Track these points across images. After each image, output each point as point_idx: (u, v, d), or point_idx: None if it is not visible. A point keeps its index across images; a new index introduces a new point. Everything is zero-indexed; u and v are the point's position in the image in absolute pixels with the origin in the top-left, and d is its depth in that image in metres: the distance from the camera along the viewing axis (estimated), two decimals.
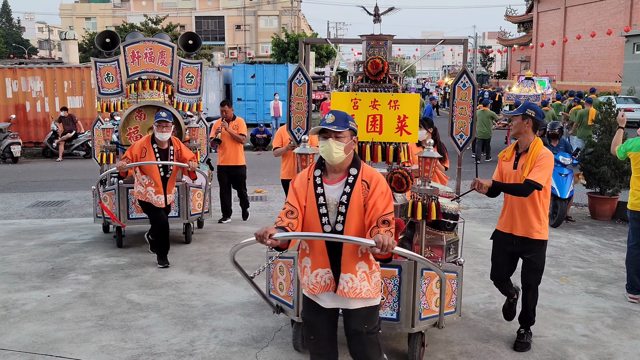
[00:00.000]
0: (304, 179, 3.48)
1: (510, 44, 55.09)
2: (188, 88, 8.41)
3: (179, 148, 6.87)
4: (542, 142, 4.73)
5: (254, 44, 61.85)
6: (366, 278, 3.45)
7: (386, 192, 3.36)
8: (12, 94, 18.54)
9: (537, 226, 4.68)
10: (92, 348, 4.85)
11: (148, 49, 8.14)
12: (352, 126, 3.38)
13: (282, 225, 3.28)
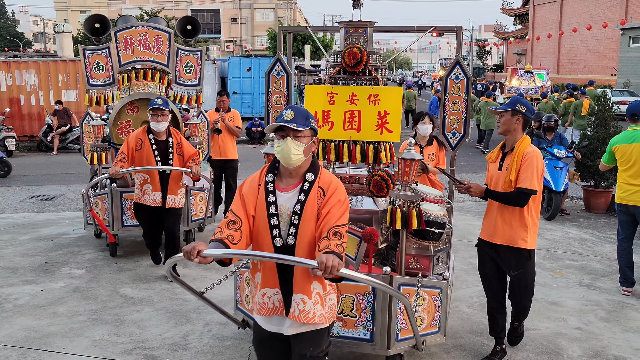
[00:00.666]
0: (254, 185, 3.02)
1: (507, 37, 55.04)
2: (187, 78, 7.58)
3: (180, 141, 6.11)
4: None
5: (250, 37, 61.64)
6: (320, 301, 3.01)
7: (343, 202, 2.95)
8: (6, 88, 18.45)
9: (522, 233, 4.20)
10: (85, 342, 4.83)
11: (142, 35, 7.28)
12: (313, 125, 2.98)
13: (220, 238, 2.84)
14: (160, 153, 5.96)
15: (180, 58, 7.51)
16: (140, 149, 5.92)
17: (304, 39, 38.14)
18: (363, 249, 3.89)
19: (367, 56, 4.37)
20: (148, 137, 5.95)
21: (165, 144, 6.02)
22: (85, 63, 7.33)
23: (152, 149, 5.92)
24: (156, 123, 5.86)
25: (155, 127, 5.89)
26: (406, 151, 3.90)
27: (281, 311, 3.00)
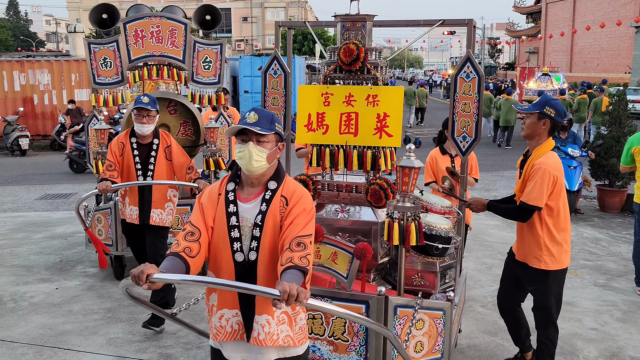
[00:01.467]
0: (214, 194, 2.73)
1: (519, 35, 54.73)
2: (205, 76, 6.57)
3: (169, 144, 5.15)
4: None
5: (261, 36, 61.73)
6: (286, 320, 2.70)
7: (309, 211, 2.65)
8: (20, 87, 18.58)
9: (537, 252, 3.86)
10: (100, 340, 4.86)
11: (154, 26, 6.40)
12: (279, 130, 2.69)
13: (176, 251, 2.54)
14: (141, 159, 5.05)
15: (198, 52, 6.54)
16: (122, 155, 5.08)
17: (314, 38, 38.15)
18: (356, 267, 3.57)
19: (365, 53, 3.98)
20: (129, 140, 5.08)
21: (148, 147, 5.08)
22: (90, 59, 6.50)
23: (133, 154, 5.06)
24: (140, 125, 4.95)
25: (138, 130, 4.99)
26: (405, 158, 3.51)
27: (241, 335, 2.70)
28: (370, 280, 4.05)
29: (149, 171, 5.05)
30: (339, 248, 3.61)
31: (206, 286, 2.66)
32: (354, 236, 3.98)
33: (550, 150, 3.84)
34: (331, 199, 4.19)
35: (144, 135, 5.04)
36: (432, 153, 5.42)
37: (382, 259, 4.02)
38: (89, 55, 6.48)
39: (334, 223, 4.02)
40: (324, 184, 4.22)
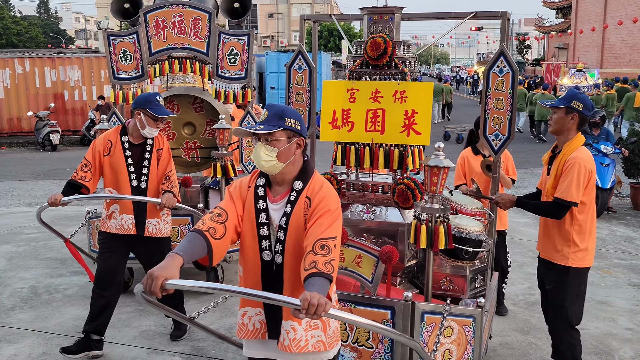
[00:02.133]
0: (244, 186, 2.65)
1: (548, 30, 53.88)
2: (231, 70, 5.90)
3: (161, 147, 4.61)
4: (584, 130, 4.09)
5: (287, 32, 61.82)
6: (320, 325, 2.60)
7: (334, 211, 2.49)
8: (51, 83, 18.87)
9: (564, 249, 3.74)
10: (132, 333, 4.93)
11: (176, 16, 5.86)
12: (290, 125, 2.52)
13: (200, 229, 2.44)
14: (134, 160, 4.50)
15: (223, 44, 5.90)
16: (109, 154, 4.50)
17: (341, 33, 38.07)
18: (381, 270, 3.44)
19: (393, 47, 3.83)
20: (121, 139, 4.52)
21: (141, 148, 4.53)
22: (110, 52, 6.01)
23: (125, 155, 4.48)
24: (155, 130, 4.48)
25: (148, 133, 4.46)
26: (434, 157, 3.36)
27: (262, 334, 2.64)
28: (396, 284, 3.94)
29: (143, 175, 4.51)
30: (364, 251, 3.50)
31: (225, 294, 2.49)
32: (380, 238, 3.88)
33: (582, 146, 3.75)
34: (356, 199, 4.09)
35: (142, 137, 4.51)
36: (464, 153, 5.18)
37: (409, 262, 3.91)
38: (108, 48, 6.02)
39: (359, 224, 3.92)
40: (349, 183, 4.13)
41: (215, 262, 2.48)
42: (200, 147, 6.50)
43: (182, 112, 6.40)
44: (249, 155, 5.94)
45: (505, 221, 5.19)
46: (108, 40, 5.98)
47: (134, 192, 4.47)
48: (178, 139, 6.49)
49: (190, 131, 6.51)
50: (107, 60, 6.01)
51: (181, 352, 4.61)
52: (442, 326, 3.39)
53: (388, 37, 3.89)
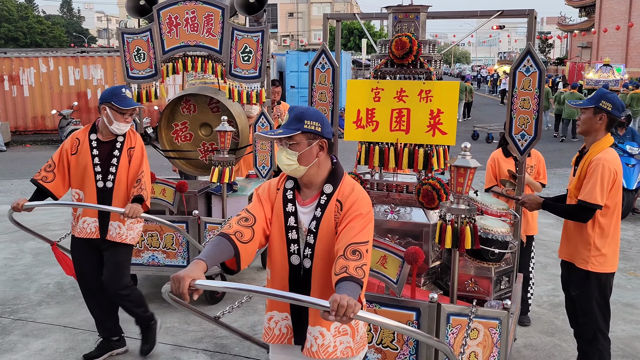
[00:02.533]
0: (273, 188, 2.62)
1: (571, 29, 53.23)
2: (244, 68, 5.59)
3: (133, 145, 4.30)
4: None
5: (307, 31, 61.88)
6: (349, 331, 2.56)
7: (365, 215, 2.46)
8: (74, 82, 19.08)
9: (584, 252, 3.67)
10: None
11: (189, 12, 5.60)
12: (311, 127, 2.46)
13: (227, 233, 2.42)
14: (101, 159, 4.20)
15: (237, 41, 5.59)
16: (76, 153, 4.22)
17: (361, 33, 38.00)
18: (406, 271, 3.40)
19: (418, 46, 3.81)
20: (89, 136, 4.24)
21: (110, 146, 4.24)
22: (124, 50, 5.82)
23: (91, 154, 4.19)
24: (124, 124, 4.20)
25: (116, 129, 4.18)
26: (460, 157, 3.31)
27: (288, 339, 2.61)
28: (420, 285, 3.93)
29: (110, 174, 4.20)
30: (389, 252, 3.48)
31: (253, 295, 2.43)
32: (404, 238, 3.86)
33: (609, 147, 3.68)
34: (380, 199, 4.08)
35: (112, 134, 4.24)
36: (494, 155, 5.09)
37: (433, 262, 3.88)
38: (122, 46, 5.85)
39: (383, 224, 3.91)
40: (373, 183, 4.12)
41: (244, 266, 2.48)
42: (217, 149, 6.12)
43: (199, 113, 6.27)
44: (263, 159, 5.83)
45: (534, 225, 5.08)
46: (122, 38, 5.83)
47: (99, 193, 4.19)
48: (195, 140, 6.36)
49: (207, 132, 6.34)
50: (122, 59, 5.87)
51: (205, 349, 4.65)
52: (469, 328, 3.36)
53: (413, 36, 3.87)
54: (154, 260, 5.52)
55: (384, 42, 4.08)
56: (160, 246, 5.49)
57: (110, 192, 4.19)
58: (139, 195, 4.14)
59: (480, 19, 4.66)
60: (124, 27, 5.85)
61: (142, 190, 4.17)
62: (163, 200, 5.58)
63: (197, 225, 5.35)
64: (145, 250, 5.50)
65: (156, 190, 5.55)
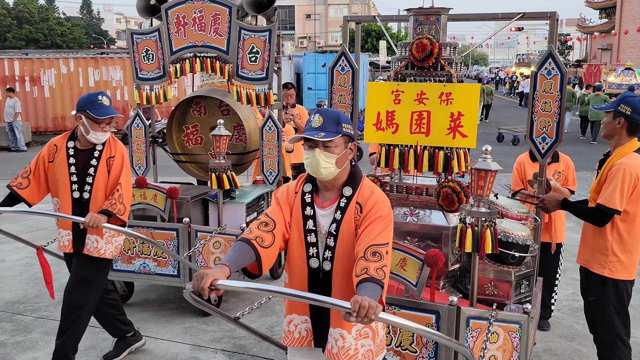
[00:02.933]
0: (291, 191, 2.64)
1: (591, 31, 52.70)
2: (251, 69, 5.36)
3: (113, 155, 4.08)
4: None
5: (324, 33, 61.95)
6: (370, 334, 2.59)
7: (385, 217, 2.49)
8: (94, 83, 19.32)
9: (601, 257, 3.65)
10: (176, 329, 5.02)
11: (197, 11, 5.40)
12: (347, 131, 2.52)
13: (248, 238, 2.45)
14: (78, 168, 3.99)
15: (244, 41, 5.36)
16: (52, 161, 4.03)
17: (378, 34, 37.98)
18: (426, 274, 3.38)
19: (439, 48, 3.81)
20: (67, 144, 4.04)
21: (88, 154, 4.02)
22: (133, 51, 5.69)
23: (68, 162, 3.99)
24: (102, 134, 3.98)
25: (94, 138, 3.97)
26: (480, 160, 3.30)
27: (308, 342, 2.63)
28: (439, 288, 3.91)
29: (87, 184, 3.97)
30: (409, 254, 3.47)
31: (275, 296, 2.43)
32: (423, 241, 3.86)
33: (634, 152, 3.61)
34: (400, 202, 4.08)
35: (90, 142, 4.02)
36: (521, 159, 5.05)
37: (452, 265, 3.86)
38: (131, 47, 5.70)
39: (403, 227, 3.90)
40: (393, 185, 4.12)
41: (265, 270, 2.51)
42: (227, 154, 5.82)
43: (209, 116, 6.10)
44: (270, 164, 5.62)
45: (561, 233, 5.00)
46: (132, 39, 5.68)
47: (75, 204, 3.96)
48: (206, 143, 6.18)
49: None
50: (131, 60, 5.72)
51: (223, 350, 4.68)
52: (489, 332, 3.34)
53: (434, 39, 3.86)
54: (145, 268, 5.33)
55: (405, 44, 4.09)
56: (152, 254, 5.29)
57: (87, 204, 3.97)
58: (106, 210, 3.92)
59: (499, 21, 4.62)
60: (137, 29, 5.78)
61: (115, 206, 3.94)
62: (154, 206, 5.33)
63: (187, 233, 5.15)
64: (137, 257, 5.32)
65: (147, 196, 5.33)
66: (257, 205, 5.90)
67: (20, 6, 48.22)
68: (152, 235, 5.23)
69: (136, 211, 5.44)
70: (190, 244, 5.17)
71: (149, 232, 5.24)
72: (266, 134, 5.54)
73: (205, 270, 2.19)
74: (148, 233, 5.22)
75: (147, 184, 5.32)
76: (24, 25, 46.80)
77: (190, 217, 5.28)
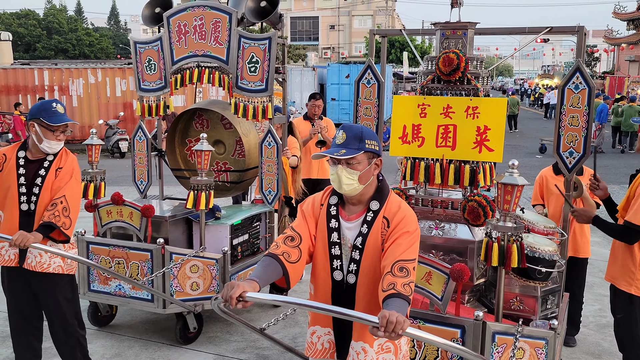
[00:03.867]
0: (317, 204, 2.65)
1: (618, 42, 52.07)
2: (250, 80, 5.04)
3: (62, 165, 3.88)
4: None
5: (347, 44, 62.07)
6: (392, 349, 2.57)
7: (412, 232, 2.49)
8: (120, 93, 19.61)
9: (629, 274, 3.62)
10: (200, 339, 5.08)
11: (197, 19, 5.12)
12: (371, 147, 2.52)
13: (275, 253, 2.47)
14: (27, 179, 3.79)
15: (243, 50, 5.04)
16: (1, 171, 3.83)
17: (402, 45, 37.98)
18: (451, 288, 3.39)
19: (466, 62, 3.85)
20: (17, 153, 3.86)
21: (38, 165, 3.84)
22: (136, 61, 5.46)
23: (17, 173, 3.79)
24: (56, 143, 3.83)
25: (47, 147, 3.81)
26: (507, 174, 3.30)
27: (331, 354, 2.64)
28: (464, 302, 3.90)
29: (33, 195, 3.77)
30: (434, 268, 3.47)
31: (303, 309, 2.43)
32: (448, 254, 3.86)
33: None
34: (425, 215, 4.09)
35: (41, 152, 3.85)
36: (544, 172, 5.01)
37: (477, 280, 3.86)
38: (135, 57, 5.48)
39: (427, 240, 3.91)
40: (418, 198, 4.13)
41: (293, 284, 2.54)
42: (230, 170, 5.81)
43: (212, 129, 5.80)
44: (270, 182, 5.31)
45: (586, 248, 4.95)
46: (135, 49, 5.47)
47: (22, 216, 3.77)
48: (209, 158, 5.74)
49: (221, 150, 5.85)
50: (134, 70, 5.51)
51: None
52: (515, 348, 3.31)
53: (461, 53, 3.89)
54: (120, 290, 4.97)
55: (431, 58, 4.11)
56: (127, 275, 4.88)
57: (34, 215, 3.77)
58: (48, 222, 3.67)
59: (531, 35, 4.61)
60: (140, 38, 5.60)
61: (59, 218, 3.70)
62: (130, 224, 5.00)
63: (161, 255, 4.73)
64: (112, 278, 4.94)
65: (124, 213, 5.01)
66: (251, 226, 5.39)
67: (50, 17, 49.22)
68: (127, 256, 4.89)
69: (115, 229, 5.15)
70: (164, 266, 4.74)
71: (124, 252, 4.90)
72: (265, 150, 5.21)
73: (237, 282, 2.21)
74: (123, 253, 4.90)
75: (123, 201, 4.99)
76: (53, 35, 47.71)
77: (168, 238, 4.97)
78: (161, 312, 4.84)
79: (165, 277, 4.73)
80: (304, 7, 63.44)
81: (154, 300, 4.81)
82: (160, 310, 4.81)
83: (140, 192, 5.71)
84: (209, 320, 5.40)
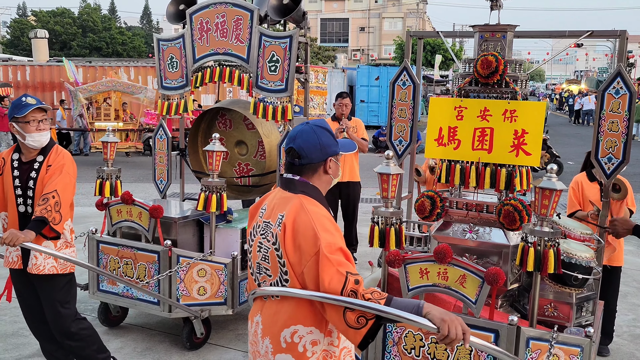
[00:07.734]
0: None
1: None
2: (270, 80, 4.92)
3: (50, 164, 3.80)
4: None
5: (377, 46, 61.95)
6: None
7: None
8: (153, 91, 19.86)
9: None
10: (229, 335, 5.25)
11: (219, 16, 5.03)
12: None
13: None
14: (21, 181, 3.79)
15: (264, 49, 4.93)
16: (2, 174, 3.84)
17: (432, 48, 37.72)
18: (485, 292, 3.34)
19: (505, 65, 3.80)
20: (12, 156, 3.86)
21: (29, 165, 3.81)
22: (159, 58, 5.41)
23: (12, 175, 3.80)
24: (38, 134, 3.76)
25: (33, 142, 3.77)
26: (546, 179, 3.23)
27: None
28: (497, 307, 3.85)
29: (28, 198, 3.77)
30: (469, 271, 3.42)
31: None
32: (482, 258, 3.83)
33: None
34: (459, 218, 4.06)
35: (33, 149, 3.81)
36: (578, 178, 4.92)
37: (511, 285, 3.81)
38: (157, 54, 5.42)
39: (461, 243, 3.88)
40: (452, 201, 4.09)
41: None
42: (252, 171, 5.67)
43: (234, 129, 5.70)
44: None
45: (619, 256, 4.84)
46: (158, 46, 5.41)
47: (21, 218, 3.77)
48: (231, 159, 5.76)
49: (243, 151, 5.74)
50: (157, 68, 5.45)
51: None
52: (550, 354, 3.27)
53: (500, 55, 3.85)
54: (127, 292, 4.92)
55: (469, 60, 4.09)
56: (134, 276, 4.83)
57: (31, 217, 3.70)
58: (41, 217, 3.57)
59: (571, 39, 4.54)
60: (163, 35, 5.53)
61: (50, 213, 3.61)
62: (139, 225, 4.89)
63: (167, 257, 4.64)
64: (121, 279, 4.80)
65: (133, 213, 4.90)
66: None
67: (85, 16, 50.11)
68: (135, 257, 4.84)
69: (126, 229, 5.06)
70: (169, 270, 4.64)
71: (133, 252, 4.85)
72: (283, 152, 5.01)
73: None
74: (131, 254, 4.85)
75: (133, 200, 4.87)
76: (88, 34, 48.56)
77: (177, 240, 4.88)
78: (167, 316, 4.78)
79: (171, 280, 4.64)
80: (335, 8, 63.53)
81: (159, 303, 4.74)
82: (166, 314, 4.74)
83: (160, 191, 5.65)
84: (238, 317, 5.43)
